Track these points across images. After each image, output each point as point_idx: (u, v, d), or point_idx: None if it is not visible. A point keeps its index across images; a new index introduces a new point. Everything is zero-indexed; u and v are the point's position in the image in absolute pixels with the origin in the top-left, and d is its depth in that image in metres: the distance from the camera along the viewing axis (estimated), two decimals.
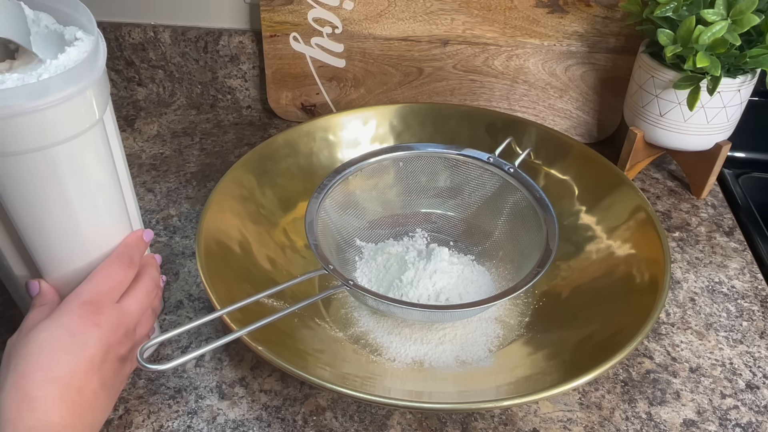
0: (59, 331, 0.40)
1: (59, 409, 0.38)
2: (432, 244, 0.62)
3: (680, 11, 0.61)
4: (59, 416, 0.38)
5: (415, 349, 0.54)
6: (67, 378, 0.39)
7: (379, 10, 0.77)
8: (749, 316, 0.59)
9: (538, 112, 0.81)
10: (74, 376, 0.39)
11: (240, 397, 0.51)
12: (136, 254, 0.46)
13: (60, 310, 0.41)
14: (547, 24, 0.75)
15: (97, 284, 0.43)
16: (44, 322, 0.40)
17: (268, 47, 0.81)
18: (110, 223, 0.44)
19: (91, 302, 0.42)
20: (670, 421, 0.50)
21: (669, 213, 0.71)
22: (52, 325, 0.40)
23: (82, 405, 0.39)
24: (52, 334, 0.40)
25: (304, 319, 0.54)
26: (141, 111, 0.89)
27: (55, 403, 0.38)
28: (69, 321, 0.40)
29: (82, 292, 0.42)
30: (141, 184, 0.74)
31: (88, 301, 0.41)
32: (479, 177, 0.64)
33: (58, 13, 0.43)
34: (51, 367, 0.39)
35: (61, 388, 0.38)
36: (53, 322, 0.40)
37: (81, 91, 0.37)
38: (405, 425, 0.49)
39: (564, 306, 0.56)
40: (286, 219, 0.63)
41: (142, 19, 0.86)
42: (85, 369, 0.39)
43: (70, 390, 0.39)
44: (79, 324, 0.40)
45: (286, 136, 0.66)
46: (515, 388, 0.48)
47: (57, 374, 0.38)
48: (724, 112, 0.65)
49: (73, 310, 0.41)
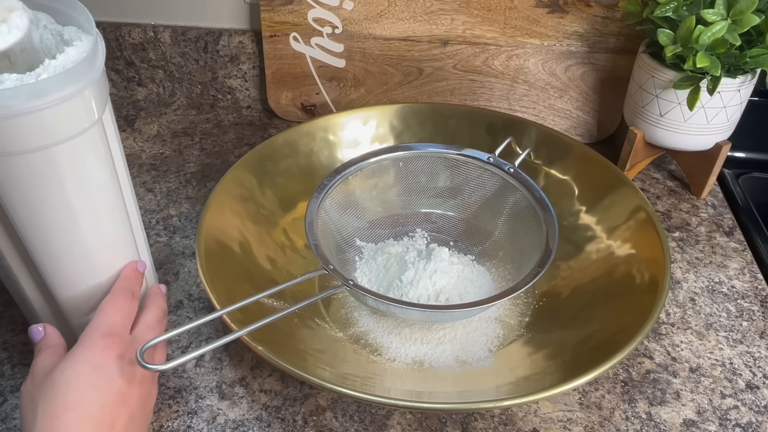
0: (83, 366, 0.39)
1: None
2: (432, 244, 0.62)
3: (680, 11, 0.61)
4: None
5: (415, 349, 0.54)
6: (99, 414, 0.38)
7: (379, 10, 0.77)
8: (749, 316, 0.59)
9: (538, 112, 0.81)
10: (105, 411, 0.38)
11: (240, 397, 0.51)
12: (136, 285, 0.46)
13: (80, 345, 0.40)
14: (547, 24, 0.75)
15: (111, 316, 0.42)
16: (65, 361, 0.39)
17: (268, 47, 0.81)
18: (110, 223, 0.44)
19: (111, 334, 0.41)
20: (670, 421, 0.50)
21: (669, 213, 0.71)
22: (74, 361, 0.39)
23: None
24: (76, 371, 0.39)
25: (304, 319, 0.54)
26: (141, 111, 0.89)
27: None
28: (92, 355, 0.40)
29: (98, 325, 0.41)
30: (141, 184, 0.74)
31: (107, 333, 0.41)
32: (479, 177, 0.64)
33: (57, 13, 0.43)
34: (81, 405, 0.38)
35: (94, 425, 0.37)
36: (75, 358, 0.39)
37: (80, 91, 0.37)
38: (405, 425, 0.49)
39: (564, 306, 0.56)
40: (286, 219, 0.63)
41: (142, 19, 0.86)
42: (114, 402, 0.39)
43: (102, 426, 0.38)
44: (102, 357, 0.40)
45: (286, 136, 0.66)
46: (515, 388, 0.48)
47: (88, 411, 0.38)
48: (724, 112, 0.65)
49: (94, 344, 0.40)
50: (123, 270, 0.46)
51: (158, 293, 0.49)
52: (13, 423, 0.48)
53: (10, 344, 0.55)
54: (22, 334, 0.55)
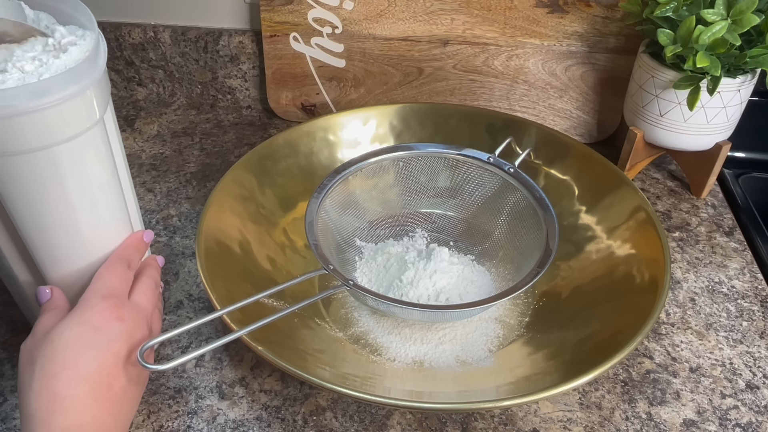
0: (83, 327, 0.39)
1: (90, 408, 0.37)
2: (432, 244, 0.62)
3: (680, 11, 0.61)
4: (91, 415, 0.37)
5: (415, 349, 0.54)
6: (96, 374, 0.38)
7: (379, 10, 0.77)
8: (749, 316, 0.59)
9: (538, 112, 0.81)
10: (103, 372, 0.39)
11: (240, 397, 0.51)
12: (135, 255, 0.46)
13: (80, 307, 0.41)
14: (547, 24, 0.75)
15: (109, 280, 0.43)
16: (66, 321, 0.40)
17: (268, 47, 0.81)
18: (111, 223, 0.44)
19: (110, 296, 0.41)
20: (670, 421, 0.50)
21: (669, 213, 0.71)
22: (75, 322, 0.40)
23: (113, 402, 0.39)
24: (76, 331, 0.39)
25: (304, 319, 0.54)
26: (141, 111, 0.89)
27: (86, 401, 0.37)
28: (92, 316, 0.40)
29: (98, 288, 0.42)
30: (141, 184, 0.74)
31: (107, 295, 0.41)
32: (479, 177, 0.64)
33: (59, 12, 0.43)
34: (79, 364, 0.38)
35: (91, 384, 0.38)
36: (76, 319, 0.40)
37: (82, 90, 0.37)
38: (405, 425, 0.49)
39: (564, 306, 0.56)
40: (286, 219, 0.63)
41: (142, 19, 0.86)
42: (113, 364, 0.39)
43: (99, 387, 0.38)
44: (102, 319, 0.40)
45: (286, 136, 0.66)
46: (515, 388, 0.48)
47: (86, 370, 0.38)
48: (724, 112, 0.65)
49: (94, 306, 0.41)
50: (127, 239, 0.46)
51: (152, 264, 0.49)
52: (13, 423, 0.48)
53: (10, 344, 0.55)
54: (22, 334, 0.55)
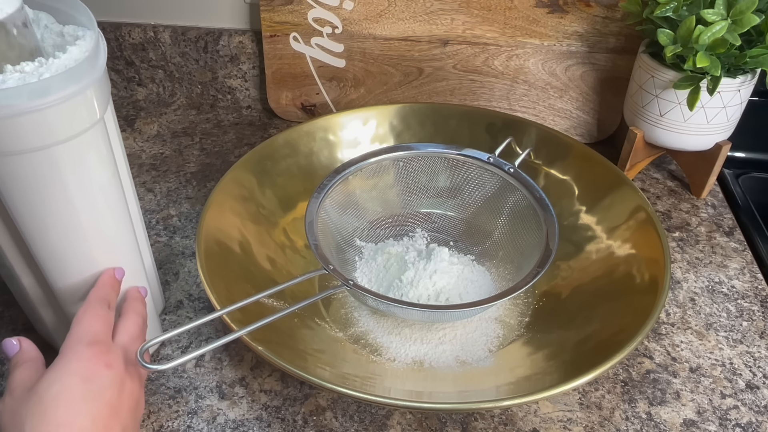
0: (72, 379, 0.37)
1: None
2: (432, 244, 0.62)
3: (680, 11, 0.61)
4: None
5: (415, 349, 0.54)
6: (92, 428, 0.36)
7: (379, 10, 0.77)
8: (749, 316, 0.59)
9: (538, 112, 0.81)
10: (98, 424, 0.37)
11: (240, 397, 0.51)
12: (112, 294, 0.44)
13: (65, 356, 0.38)
14: (547, 24, 0.75)
15: (91, 325, 0.40)
16: (51, 374, 0.37)
17: (268, 47, 0.81)
18: (112, 223, 0.44)
19: (95, 342, 0.39)
20: (670, 421, 0.50)
21: (669, 213, 0.71)
22: (62, 374, 0.37)
23: None
24: (64, 384, 0.37)
25: (304, 319, 0.54)
26: (141, 111, 0.89)
27: None
28: (79, 366, 0.38)
29: (81, 334, 0.39)
30: (141, 184, 0.74)
31: (92, 341, 0.39)
32: (479, 177, 0.64)
33: (59, 12, 0.43)
34: (73, 420, 0.36)
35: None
36: (62, 370, 0.37)
37: (82, 90, 0.37)
38: (405, 425, 0.49)
39: (564, 306, 0.56)
40: (286, 219, 0.63)
41: (142, 19, 0.86)
42: (107, 414, 0.37)
43: None
44: (91, 368, 0.38)
45: (286, 136, 0.66)
46: (515, 388, 0.48)
47: (81, 426, 0.36)
48: (724, 112, 0.65)
49: (80, 354, 0.38)
50: (100, 278, 0.44)
51: (137, 297, 0.47)
52: None
53: None
54: (22, 334, 0.55)
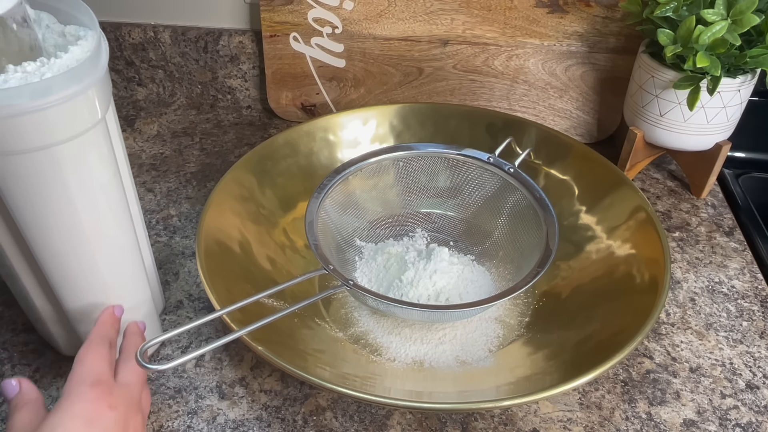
0: (75, 422, 0.37)
1: None
2: (432, 244, 0.62)
3: (680, 11, 0.61)
4: None
5: (415, 349, 0.54)
6: None
7: (379, 10, 0.77)
8: (749, 316, 0.59)
9: (538, 112, 0.81)
10: None
11: (240, 397, 0.51)
12: (113, 333, 0.44)
13: (68, 398, 0.38)
14: (547, 24, 0.75)
15: (94, 365, 0.40)
16: (55, 417, 0.37)
17: (268, 47, 0.81)
18: (113, 223, 0.44)
19: (98, 383, 0.39)
20: (670, 421, 0.50)
21: (669, 213, 0.71)
22: (66, 417, 0.37)
23: None
24: (68, 428, 0.36)
25: (304, 319, 0.54)
26: (141, 111, 0.89)
27: None
28: (83, 408, 0.38)
29: (84, 375, 0.39)
30: (141, 184, 0.74)
31: (95, 382, 0.39)
32: (479, 177, 0.64)
33: (60, 12, 0.43)
34: None
35: None
36: (66, 413, 0.37)
37: (83, 90, 0.37)
38: (405, 425, 0.49)
39: (564, 306, 0.56)
40: (286, 219, 0.63)
41: (142, 19, 0.86)
42: None
43: None
44: (94, 410, 0.38)
45: (286, 136, 0.66)
46: (515, 388, 0.48)
47: None
48: (724, 112, 0.65)
49: (83, 395, 0.38)
50: (100, 316, 0.44)
51: (136, 332, 0.46)
52: None
53: (10, 344, 0.55)
54: (22, 334, 0.55)
